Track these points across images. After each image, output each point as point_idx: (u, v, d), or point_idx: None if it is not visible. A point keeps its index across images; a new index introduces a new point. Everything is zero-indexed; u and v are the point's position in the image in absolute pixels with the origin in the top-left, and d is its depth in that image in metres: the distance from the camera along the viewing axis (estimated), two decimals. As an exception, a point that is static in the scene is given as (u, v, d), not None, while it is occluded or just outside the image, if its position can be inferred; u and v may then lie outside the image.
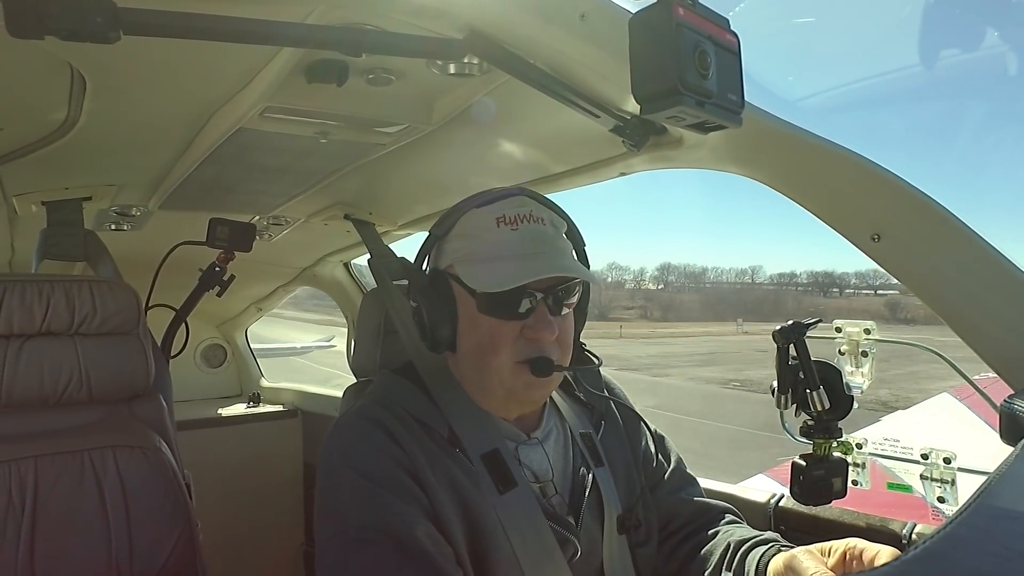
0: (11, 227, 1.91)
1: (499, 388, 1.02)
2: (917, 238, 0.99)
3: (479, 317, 1.00)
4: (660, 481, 1.21)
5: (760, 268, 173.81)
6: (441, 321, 1.03)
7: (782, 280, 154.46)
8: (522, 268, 0.96)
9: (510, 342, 0.99)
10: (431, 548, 0.88)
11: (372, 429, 0.98)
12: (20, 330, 1.23)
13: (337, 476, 0.96)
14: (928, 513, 1.55)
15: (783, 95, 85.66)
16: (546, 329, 0.98)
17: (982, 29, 29.38)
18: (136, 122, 1.26)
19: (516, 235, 1.00)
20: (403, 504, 0.91)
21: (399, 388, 1.09)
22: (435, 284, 1.04)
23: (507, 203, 1.02)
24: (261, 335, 7.15)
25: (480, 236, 1.01)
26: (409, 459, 0.95)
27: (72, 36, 0.67)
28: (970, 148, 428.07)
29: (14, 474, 1.14)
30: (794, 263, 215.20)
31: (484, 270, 0.98)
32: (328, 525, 0.94)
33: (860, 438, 1.37)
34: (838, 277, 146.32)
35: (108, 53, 0.78)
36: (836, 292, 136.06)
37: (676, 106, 0.67)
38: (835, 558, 0.90)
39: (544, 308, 0.99)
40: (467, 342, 1.03)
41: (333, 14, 0.88)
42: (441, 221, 1.06)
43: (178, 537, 1.24)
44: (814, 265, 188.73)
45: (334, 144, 1.35)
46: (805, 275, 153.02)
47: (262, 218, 2.02)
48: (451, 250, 1.04)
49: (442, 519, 0.93)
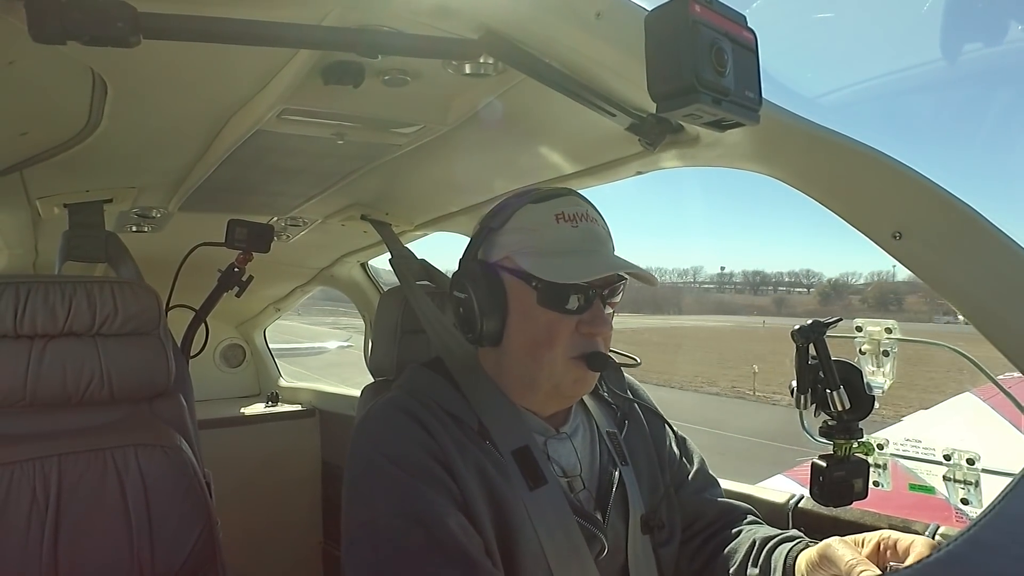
0: (35, 229, 1.94)
1: (547, 383, 1.02)
2: (940, 236, 0.97)
3: (536, 310, 1.00)
4: (684, 482, 1.21)
5: (701, 268, 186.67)
6: (492, 313, 1.02)
7: (721, 279, 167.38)
8: (591, 264, 0.99)
9: (566, 337, 1.00)
10: (462, 538, 0.88)
11: (404, 418, 0.99)
12: (44, 331, 1.25)
13: (368, 464, 0.96)
14: (952, 515, 1.52)
15: (801, 92, 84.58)
16: (604, 324, 1.01)
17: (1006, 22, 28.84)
18: (156, 125, 1.28)
19: (577, 232, 1.01)
20: (434, 494, 0.91)
21: (429, 381, 1.09)
22: (487, 275, 1.04)
23: (562, 201, 1.03)
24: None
25: (540, 231, 1.01)
26: (440, 449, 0.96)
27: (94, 41, 0.68)
28: (994, 140, 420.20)
29: (38, 472, 1.16)
30: (732, 263, 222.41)
31: (550, 262, 0.98)
32: (358, 513, 0.94)
33: (882, 439, 1.35)
34: (770, 276, 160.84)
35: (128, 57, 0.79)
36: (769, 290, 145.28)
37: (693, 104, 0.66)
38: (869, 548, 0.89)
39: (600, 304, 1.01)
40: (519, 336, 1.02)
41: (349, 16, 0.88)
42: (494, 215, 1.06)
43: (199, 534, 1.26)
44: (747, 265, 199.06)
45: (351, 145, 1.36)
46: (740, 275, 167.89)
47: (280, 219, 2.04)
48: (507, 243, 1.03)
49: (472, 510, 0.93)
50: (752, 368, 22.01)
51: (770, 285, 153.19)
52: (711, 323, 65.61)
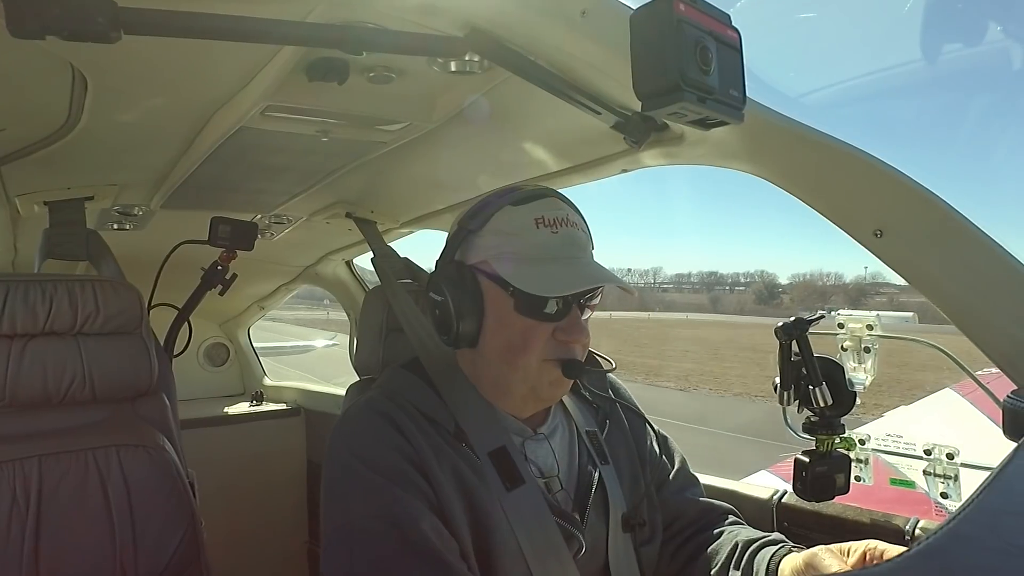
0: (14, 227, 1.91)
1: (522, 386, 1.02)
2: (920, 234, 0.98)
3: (512, 316, 0.99)
4: (665, 481, 1.21)
5: (660, 269, 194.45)
6: (468, 316, 1.01)
7: (680, 280, 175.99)
8: (570, 274, 0.98)
9: (542, 342, 0.99)
10: (436, 541, 0.88)
11: (379, 421, 0.98)
12: (23, 330, 1.23)
13: (343, 467, 0.96)
14: (931, 509, 1.54)
15: (785, 91, 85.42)
16: (581, 332, 1.00)
17: (984, 23, 29.19)
18: (137, 122, 1.26)
19: (556, 238, 0.99)
20: (409, 496, 0.91)
21: (406, 383, 1.08)
22: (464, 278, 1.02)
23: (542, 204, 1.01)
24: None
25: (519, 235, 0.99)
26: (416, 452, 0.95)
27: (73, 36, 0.67)
28: (974, 139, 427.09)
29: (18, 474, 1.14)
30: (689, 264, 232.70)
31: (528, 271, 0.97)
32: (333, 515, 0.94)
33: (863, 434, 1.37)
34: (725, 276, 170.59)
35: (109, 53, 0.78)
36: (725, 289, 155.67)
37: (677, 102, 0.66)
38: (855, 557, 0.90)
39: (577, 311, 1.00)
40: (495, 339, 1.02)
41: (334, 12, 0.88)
42: (473, 215, 1.04)
43: (182, 535, 1.25)
44: (703, 266, 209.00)
45: (335, 142, 1.35)
46: (696, 275, 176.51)
47: (264, 217, 2.02)
48: (485, 246, 1.01)
49: (447, 513, 0.93)
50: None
51: (726, 285, 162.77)
52: (626, 316, 65.92)
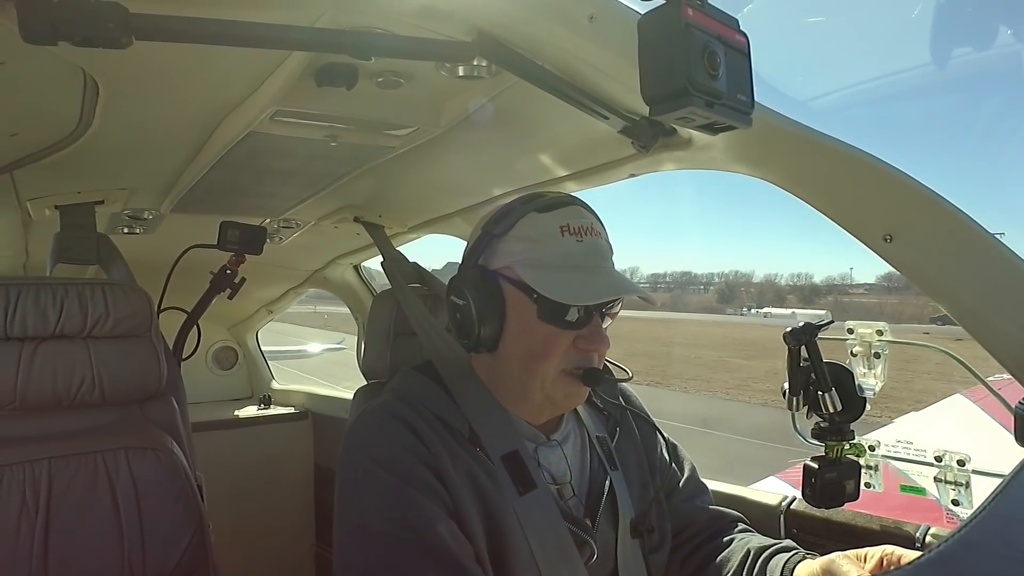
0: (25, 231, 1.93)
1: (539, 394, 1.02)
2: (930, 239, 0.98)
3: (534, 322, 0.99)
4: (675, 489, 1.21)
5: (637, 269, 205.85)
6: (490, 320, 1.01)
7: (655, 279, 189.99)
8: (594, 284, 0.98)
9: (562, 350, 0.99)
10: (452, 544, 0.88)
11: (395, 424, 0.98)
12: (34, 333, 1.24)
13: (359, 469, 0.96)
14: (942, 516, 1.53)
15: (793, 95, 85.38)
16: (602, 341, 1.00)
17: (994, 27, 28.97)
18: (148, 126, 1.27)
19: (581, 247, 1.00)
20: (425, 500, 0.91)
21: (421, 386, 1.08)
22: (487, 283, 1.02)
23: (567, 212, 1.02)
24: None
25: (544, 242, 0.99)
26: (431, 455, 0.95)
27: (85, 42, 0.67)
28: (984, 141, 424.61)
29: (28, 476, 1.15)
30: (665, 264, 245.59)
31: (553, 279, 0.97)
32: (348, 518, 0.94)
33: (873, 440, 1.36)
34: (700, 276, 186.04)
35: (120, 58, 0.79)
36: (701, 288, 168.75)
37: (685, 107, 0.66)
38: (873, 563, 0.90)
39: (598, 320, 1.00)
40: (516, 345, 1.02)
41: (342, 18, 0.88)
42: (497, 220, 1.03)
43: (190, 538, 1.25)
44: (678, 266, 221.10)
45: (344, 147, 1.35)
46: (670, 275, 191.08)
47: (272, 221, 2.03)
48: (509, 251, 1.01)
49: (462, 516, 0.93)
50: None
51: (700, 284, 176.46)
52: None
